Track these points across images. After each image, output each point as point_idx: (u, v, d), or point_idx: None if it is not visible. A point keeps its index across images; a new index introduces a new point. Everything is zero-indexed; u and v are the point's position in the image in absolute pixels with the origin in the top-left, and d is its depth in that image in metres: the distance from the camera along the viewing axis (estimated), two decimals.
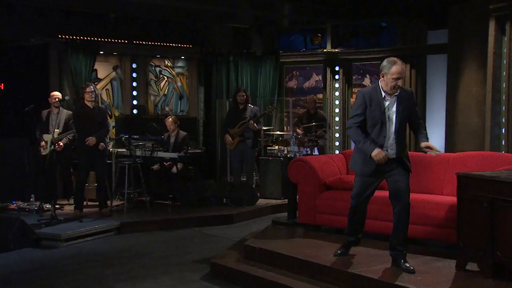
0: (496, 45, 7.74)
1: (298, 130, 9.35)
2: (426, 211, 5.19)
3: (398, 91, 4.44)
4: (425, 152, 4.58)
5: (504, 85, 7.74)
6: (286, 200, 6.99)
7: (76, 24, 9.69)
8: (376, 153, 4.42)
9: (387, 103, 4.46)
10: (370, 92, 4.53)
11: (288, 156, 7.66)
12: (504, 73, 7.72)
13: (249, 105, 8.95)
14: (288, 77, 11.41)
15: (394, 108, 4.46)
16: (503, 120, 7.79)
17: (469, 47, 8.46)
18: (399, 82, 4.40)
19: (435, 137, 9.93)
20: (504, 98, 7.76)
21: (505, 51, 7.67)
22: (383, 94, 4.47)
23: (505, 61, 7.69)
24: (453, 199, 4.75)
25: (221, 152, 10.59)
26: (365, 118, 4.51)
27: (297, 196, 6.35)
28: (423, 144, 4.49)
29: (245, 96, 8.89)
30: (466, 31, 8.53)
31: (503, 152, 7.63)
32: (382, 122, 4.46)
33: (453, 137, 8.68)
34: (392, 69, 4.37)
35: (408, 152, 4.70)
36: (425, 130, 4.62)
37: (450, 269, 4.49)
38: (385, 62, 4.46)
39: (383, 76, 4.45)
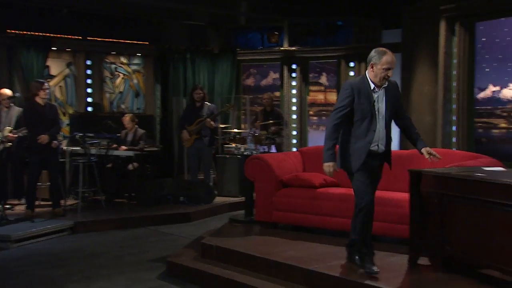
0: (447, 45, 7.95)
1: (257, 123, 9.38)
2: (379, 207, 5.22)
3: (387, 83, 4.27)
4: (421, 153, 4.41)
5: (454, 84, 7.96)
6: (243, 197, 6.99)
7: (26, 19, 9.41)
8: (328, 165, 4.29)
9: (376, 96, 4.25)
10: (358, 83, 4.28)
11: (245, 153, 7.66)
12: (455, 72, 7.93)
13: (206, 102, 8.91)
14: (246, 75, 11.41)
15: (383, 101, 4.28)
16: (454, 118, 8.01)
17: (422, 47, 8.65)
18: (390, 73, 4.21)
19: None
20: (454, 96, 7.98)
21: (455, 50, 7.89)
22: (372, 86, 4.26)
23: (455, 61, 7.91)
24: (406, 195, 4.84)
25: (178, 150, 10.51)
26: (350, 110, 4.26)
27: (254, 194, 6.36)
28: (424, 150, 4.38)
29: (202, 94, 8.84)
30: (418, 31, 8.72)
31: (454, 149, 7.85)
32: (371, 115, 4.24)
33: None
34: (383, 59, 4.17)
35: None
36: (417, 130, 4.50)
37: (403, 263, 4.57)
38: (373, 53, 4.25)
39: (372, 67, 4.23)
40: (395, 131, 10.13)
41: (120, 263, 5.79)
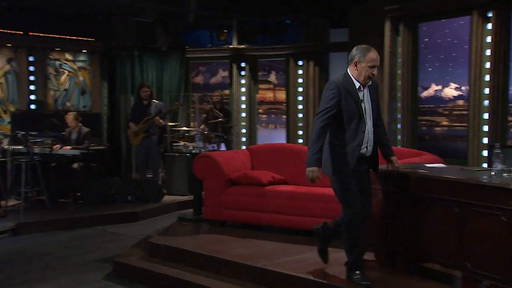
0: (392, 45, 8.15)
1: (203, 126, 9.34)
2: (327, 204, 5.33)
3: (370, 82, 4.04)
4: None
5: (399, 83, 8.17)
6: (192, 196, 6.96)
7: None
8: (311, 170, 3.94)
9: (361, 95, 4.00)
10: (343, 82, 3.97)
11: (194, 152, 7.62)
12: (399, 71, 8.14)
13: (154, 100, 8.81)
14: (195, 73, 11.34)
15: (368, 100, 4.05)
16: (399, 116, 8.22)
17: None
18: (375, 71, 3.96)
19: None
20: (399, 95, 8.19)
21: (399, 50, 8.10)
22: (357, 84, 3.98)
23: (400, 60, 8.12)
24: None
25: (126, 148, 10.34)
26: (337, 112, 3.95)
27: (203, 192, 6.33)
28: (393, 159, 4.21)
29: (149, 92, 8.73)
30: (364, 30, 8.90)
31: (399, 146, 8.06)
32: (359, 116, 3.96)
33: None
34: (368, 56, 3.90)
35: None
36: (387, 135, 4.30)
37: None
38: (356, 50, 3.97)
39: (356, 65, 3.93)
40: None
41: (66, 265, 5.64)
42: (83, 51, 10.54)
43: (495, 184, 3.53)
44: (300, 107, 10.44)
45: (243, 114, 10.97)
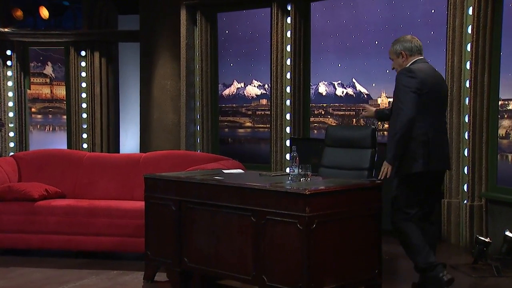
0: (188, 36, 8.33)
1: None
2: (112, 219, 5.36)
3: None
4: None
5: (197, 79, 8.40)
6: None
7: None
8: None
9: None
10: None
11: None
12: (197, 65, 8.36)
13: None
14: None
15: None
16: (198, 117, 8.44)
17: (162, 37, 8.91)
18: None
19: (130, 134, 10.26)
20: (198, 92, 8.42)
21: (197, 42, 8.32)
22: None
23: (198, 53, 8.34)
24: (143, 204, 4.94)
25: None
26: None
27: None
28: None
29: None
30: (158, 18, 8.95)
31: (199, 150, 8.29)
32: None
33: (148, 134, 9.05)
34: None
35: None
36: None
37: (138, 282, 4.69)
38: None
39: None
40: (133, 131, 10.18)
41: None
42: None
43: (290, 190, 3.82)
44: (84, 105, 10.20)
45: (11, 114, 10.36)
